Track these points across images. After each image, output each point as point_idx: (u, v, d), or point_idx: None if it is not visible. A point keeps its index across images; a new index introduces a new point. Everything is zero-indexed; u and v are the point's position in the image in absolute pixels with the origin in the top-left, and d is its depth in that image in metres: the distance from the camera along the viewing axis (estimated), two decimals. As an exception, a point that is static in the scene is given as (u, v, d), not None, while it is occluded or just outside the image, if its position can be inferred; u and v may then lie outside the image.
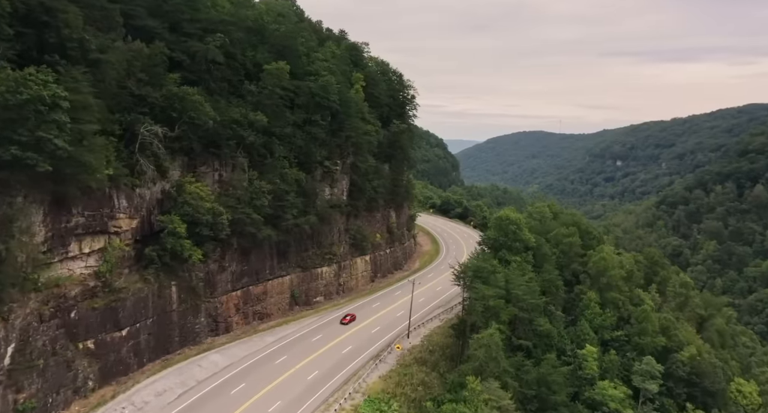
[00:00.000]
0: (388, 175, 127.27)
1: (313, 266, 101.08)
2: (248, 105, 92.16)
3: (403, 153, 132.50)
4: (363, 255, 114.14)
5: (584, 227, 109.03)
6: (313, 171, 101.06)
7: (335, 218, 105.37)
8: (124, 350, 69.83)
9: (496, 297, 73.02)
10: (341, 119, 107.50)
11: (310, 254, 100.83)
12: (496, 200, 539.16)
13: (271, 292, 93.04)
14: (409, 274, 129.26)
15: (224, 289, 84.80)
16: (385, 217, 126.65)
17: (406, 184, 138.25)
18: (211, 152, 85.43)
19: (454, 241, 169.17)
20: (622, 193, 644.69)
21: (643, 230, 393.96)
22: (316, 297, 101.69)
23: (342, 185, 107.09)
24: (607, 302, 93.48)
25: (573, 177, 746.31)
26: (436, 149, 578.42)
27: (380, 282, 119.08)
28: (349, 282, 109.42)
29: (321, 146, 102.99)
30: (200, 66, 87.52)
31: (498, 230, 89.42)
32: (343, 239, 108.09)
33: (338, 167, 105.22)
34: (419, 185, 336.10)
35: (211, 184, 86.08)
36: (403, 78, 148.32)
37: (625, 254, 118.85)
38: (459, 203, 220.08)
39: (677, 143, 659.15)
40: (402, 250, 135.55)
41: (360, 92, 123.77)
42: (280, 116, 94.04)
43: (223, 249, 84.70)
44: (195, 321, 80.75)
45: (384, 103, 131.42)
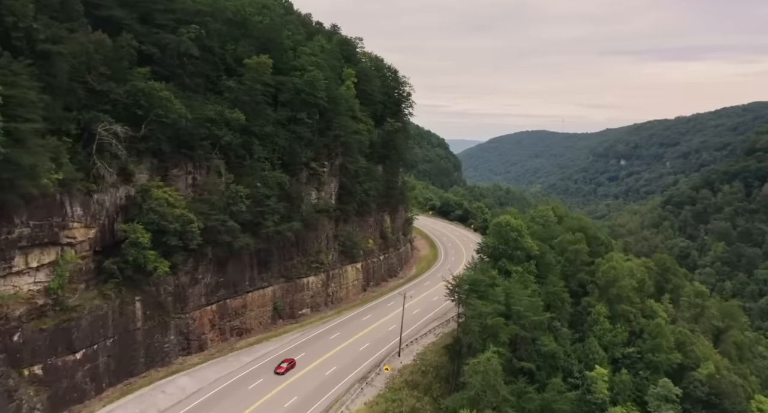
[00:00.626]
0: (381, 177, 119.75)
1: (299, 276, 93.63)
2: (226, 102, 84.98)
3: (397, 153, 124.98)
4: (354, 263, 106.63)
5: (591, 232, 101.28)
6: (297, 173, 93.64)
7: (323, 223, 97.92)
8: (79, 375, 62.47)
9: (494, 315, 65.49)
10: (329, 117, 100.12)
11: (294, 262, 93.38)
12: (499, 201, 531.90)
13: (251, 305, 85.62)
14: (404, 282, 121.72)
15: (197, 303, 77.42)
16: (379, 221, 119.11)
17: (401, 186, 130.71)
18: (183, 153, 78.16)
19: (453, 245, 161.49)
20: (626, 192, 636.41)
21: (648, 230, 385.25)
22: (302, 310, 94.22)
23: (330, 188, 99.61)
24: (617, 316, 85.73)
25: (576, 177, 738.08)
26: (438, 149, 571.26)
27: (373, 291, 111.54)
28: (338, 292, 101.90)
29: (307, 147, 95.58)
30: (172, 60, 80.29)
31: (497, 238, 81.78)
32: (331, 247, 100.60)
33: (326, 169, 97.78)
34: (420, 185, 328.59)
35: (184, 188, 78.81)
36: (399, 74, 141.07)
37: (635, 260, 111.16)
38: (459, 204, 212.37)
39: (681, 142, 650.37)
40: (397, 256, 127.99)
41: (351, 89, 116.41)
42: (260, 114, 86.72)
43: (197, 260, 77.36)
44: (163, 339, 73.35)
45: (377, 100, 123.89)
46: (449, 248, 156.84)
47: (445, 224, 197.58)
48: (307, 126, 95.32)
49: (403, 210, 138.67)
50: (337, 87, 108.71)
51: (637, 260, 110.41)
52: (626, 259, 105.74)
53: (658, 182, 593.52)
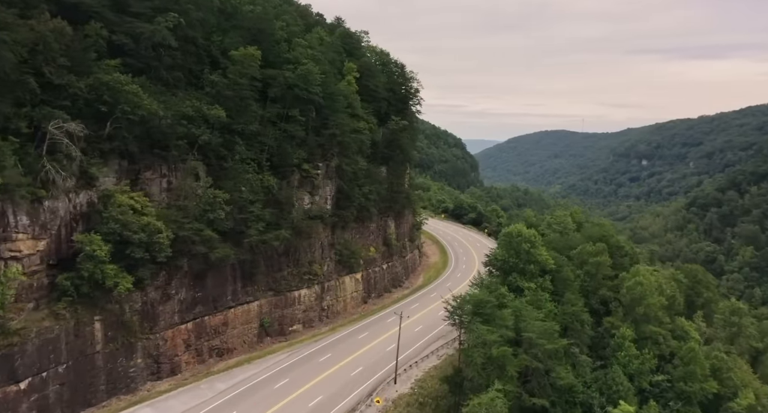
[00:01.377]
0: (385, 179, 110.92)
1: (289, 289, 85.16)
2: (207, 98, 76.95)
3: (403, 153, 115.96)
4: (352, 273, 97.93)
5: (614, 241, 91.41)
6: (288, 176, 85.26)
7: (316, 231, 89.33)
8: (24, 407, 54.60)
9: (501, 343, 56.36)
10: (325, 114, 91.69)
11: (284, 274, 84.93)
12: (517, 202, 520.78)
13: (233, 322, 77.32)
14: (409, 292, 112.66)
15: (169, 322, 69.26)
16: (381, 227, 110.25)
17: (407, 188, 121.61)
18: (156, 154, 70.21)
19: (465, 252, 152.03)
20: (648, 193, 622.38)
21: (672, 234, 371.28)
22: (293, 326, 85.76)
23: (325, 192, 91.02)
24: (645, 338, 75.93)
25: (597, 177, 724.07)
26: (455, 149, 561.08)
27: (374, 304, 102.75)
28: (334, 306, 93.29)
29: (299, 147, 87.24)
30: (147, 51, 72.42)
31: (507, 249, 72.56)
32: (327, 256, 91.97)
33: (320, 171, 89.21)
34: (435, 186, 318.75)
35: (158, 193, 70.79)
36: (406, 70, 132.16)
37: (663, 272, 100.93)
38: (473, 207, 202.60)
39: (705, 142, 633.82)
40: (402, 264, 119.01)
41: (352, 85, 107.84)
42: (245, 111, 78.47)
43: (170, 273, 69.21)
44: (129, 363, 65.25)
45: (381, 97, 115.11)
46: (460, 255, 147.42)
47: (458, 228, 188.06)
48: (300, 124, 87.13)
49: (410, 214, 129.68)
50: (336, 82, 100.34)
51: (665, 272, 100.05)
52: (653, 270, 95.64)
53: (681, 183, 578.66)
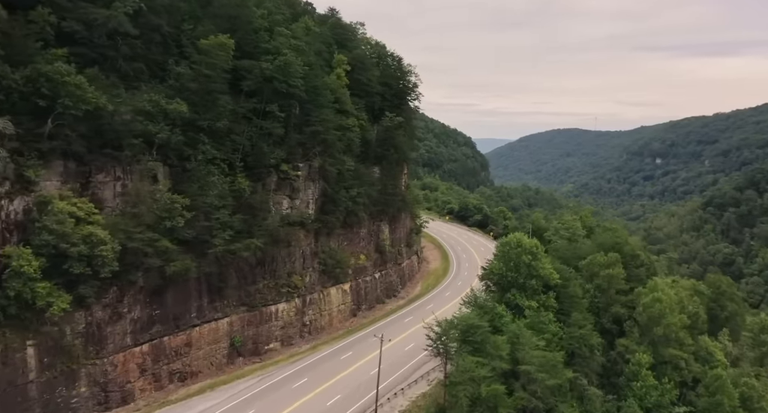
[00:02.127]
0: (377, 180, 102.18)
1: (264, 304, 76.74)
2: (170, 91, 68.75)
3: (398, 153, 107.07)
4: (339, 284, 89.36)
5: (629, 249, 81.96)
6: (263, 178, 76.85)
7: (297, 238, 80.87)
8: (-65, 451, 46.80)
9: (493, 379, 47.56)
10: (308, 109, 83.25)
11: (260, 287, 76.50)
12: (528, 202, 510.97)
13: (198, 342, 69.01)
14: (404, 303, 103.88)
15: (120, 344, 61.02)
16: (374, 233, 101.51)
17: (403, 190, 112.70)
18: (108, 154, 62.11)
19: (468, 257, 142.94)
20: (663, 192, 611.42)
21: (688, 234, 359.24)
22: (269, 344, 77.32)
23: (307, 196, 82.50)
24: (664, 362, 66.64)
25: (609, 176, 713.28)
26: (464, 147, 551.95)
27: (364, 317, 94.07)
28: (318, 321, 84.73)
29: (277, 145, 78.89)
30: (100, 40, 64.40)
31: (505, 262, 63.63)
32: (309, 266, 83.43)
33: (300, 172, 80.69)
34: (443, 186, 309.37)
35: (112, 198, 62.75)
36: (403, 63, 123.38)
37: (683, 284, 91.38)
38: (479, 208, 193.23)
39: (721, 139, 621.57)
40: (398, 272, 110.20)
41: (342, 78, 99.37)
42: (212, 106, 70.14)
43: (121, 289, 60.99)
44: (70, 393, 57.03)
45: (375, 91, 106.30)
46: (462, 261, 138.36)
47: (462, 231, 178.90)
48: (278, 121, 78.81)
49: (408, 218, 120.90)
50: (322, 75, 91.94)
51: (686, 283, 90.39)
52: (672, 281, 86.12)
53: (697, 182, 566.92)
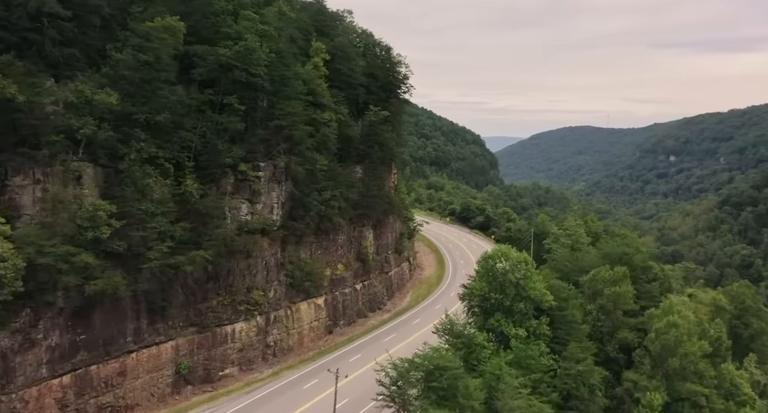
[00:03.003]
0: (360, 181, 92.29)
1: (219, 324, 67.05)
2: (105, 80, 59.44)
3: (383, 150, 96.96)
4: (311, 298, 79.53)
5: (639, 259, 71.03)
6: (218, 180, 67.18)
7: (259, 248, 71.11)
8: None
9: (461, 439, 37.56)
10: (273, 101, 73.56)
11: (213, 304, 66.84)
12: (537, 201, 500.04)
13: (135, 371, 59.46)
14: (390, 317, 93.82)
15: (34, 376, 51.60)
16: (354, 240, 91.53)
17: (390, 192, 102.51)
18: (23, 153, 52.96)
19: (466, 262, 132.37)
20: (677, 190, 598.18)
21: (704, 235, 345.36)
22: (225, 369, 67.62)
23: (271, 199, 72.67)
24: (680, 399, 55.92)
25: (622, 174, 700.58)
26: (473, 146, 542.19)
27: (342, 334, 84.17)
28: (284, 341, 74.90)
29: (236, 142, 69.27)
30: (21, 21, 55.26)
31: (489, 281, 53.32)
32: (273, 279, 73.64)
33: (262, 173, 70.91)
34: (450, 185, 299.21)
35: (31, 205, 53.56)
36: (393, 53, 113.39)
37: (701, 296, 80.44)
38: (481, 210, 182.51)
39: (736, 136, 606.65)
40: (384, 282, 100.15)
41: (320, 68, 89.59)
42: (152, 97, 60.58)
43: (36, 312, 51.63)
44: (-36, 438, 47.97)
45: (358, 83, 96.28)
46: (459, 267, 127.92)
47: (462, 234, 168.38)
48: (237, 114, 69.30)
49: (397, 222, 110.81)
50: (294, 63, 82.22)
51: (706, 297, 79.36)
52: (689, 295, 75.33)
53: (712, 179, 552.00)
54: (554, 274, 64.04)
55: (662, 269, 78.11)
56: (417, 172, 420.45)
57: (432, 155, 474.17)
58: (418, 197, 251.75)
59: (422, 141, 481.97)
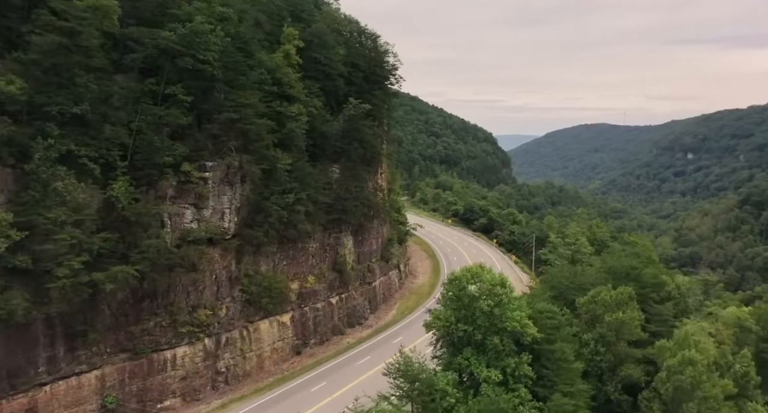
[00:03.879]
0: (337, 181, 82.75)
1: (156, 348, 57.82)
2: (17, 65, 50.67)
3: (364, 147, 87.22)
4: (273, 316, 70.11)
5: (650, 274, 60.18)
6: (155, 182, 57.98)
7: (209, 260, 61.89)
8: None
9: None
10: (227, 92, 64.25)
11: (150, 326, 57.62)
12: (550, 200, 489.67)
13: (49, 406, 50.39)
14: (371, 333, 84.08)
15: None
16: (329, 248, 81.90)
17: (372, 194, 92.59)
18: None
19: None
20: (695, 189, 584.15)
21: (723, 235, 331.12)
22: (164, 401, 58.37)
23: (221, 204, 63.29)
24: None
25: (639, 172, 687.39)
26: (484, 144, 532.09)
27: (312, 355, 74.60)
28: (240, 366, 65.49)
29: (178, 138, 60.13)
30: None
31: (456, 309, 43.05)
32: (226, 295, 64.29)
33: (210, 174, 61.55)
34: (458, 184, 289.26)
35: None
36: (380, 42, 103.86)
37: (723, 314, 69.64)
38: (484, 211, 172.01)
39: (756, 133, 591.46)
40: (367, 293, 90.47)
41: (293, 57, 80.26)
42: (69, 85, 51.55)
43: None
44: None
45: (337, 73, 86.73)
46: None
47: (464, 237, 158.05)
48: (182, 107, 60.21)
49: (384, 226, 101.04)
50: (257, 49, 73.09)
51: (728, 316, 68.32)
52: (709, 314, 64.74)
53: (731, 177, 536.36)
54: (548, 292, 54.03)
55: (678, 288, 67.12)
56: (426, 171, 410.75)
57: (442, 154, 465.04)
58: (422, 197, 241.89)
59: (432, 139, 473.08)
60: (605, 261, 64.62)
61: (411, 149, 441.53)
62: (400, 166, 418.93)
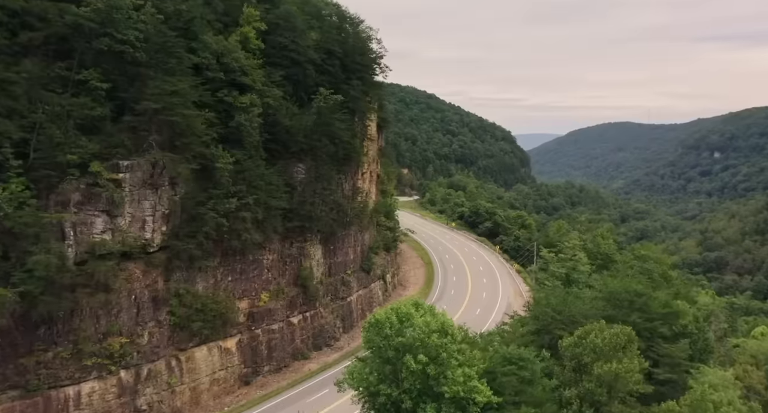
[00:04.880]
0: (302, 183, 72.30)
1: (55, 384, 47.88)
2: None
3: (336, 145, 76.50)
4: (214, 341, 59.81)
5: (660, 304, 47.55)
6: (55, 185, 48.13)
7: (128, 278, 51.84)
8: None
9: None
10: (151, 77, 54.15)
11: (48, 358, 47.69)
12: (570, 200, 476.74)
13: None
14: (337, 358, 73.19)
15: None
16: (291, 260, 71.29)
17: (339, 198, 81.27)
18: None
19: (459, 279, 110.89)
20: (722, 189, 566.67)
21: (752, 239, 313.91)
22: (64, 449, 48.52)
23: (142, 211, 53.17)
24: None
25: (663, 171, 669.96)
26: (502, 142, 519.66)
27: (264, 384, 64.13)
28: (167, 402, 55.29)
29: (94, 133, 50.34)
30: None
31: (380, 363, 31.63)
32: (150, 319, 54.15)
33: (127, 175, 51.46)
34: (472, 184, 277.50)
35: None
36: (362, 27, 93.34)
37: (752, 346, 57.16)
38: (490, 213, 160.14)
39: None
40: (340, 310, 79.80)
41: (252, 40, 70.14)
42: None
43: None
44: None
45: (305, 60, 76.22)
46: (449, 286, 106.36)
47: (466, 242, 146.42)
48: (98, 95, 50.51)
49: (365, 234, 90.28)
50: (203, 30, 63.10)
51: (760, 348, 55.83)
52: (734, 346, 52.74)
53: (759, 177, 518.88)
54: (529, 325, 42.93)
55: (696, 321, 53.50)
56: (441, 170, 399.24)
57: (458, 153, 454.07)
58: (431, 198, 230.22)
59: (448, 138, 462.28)
60: (606, 284, 52.62)
61: (425, 148, 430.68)
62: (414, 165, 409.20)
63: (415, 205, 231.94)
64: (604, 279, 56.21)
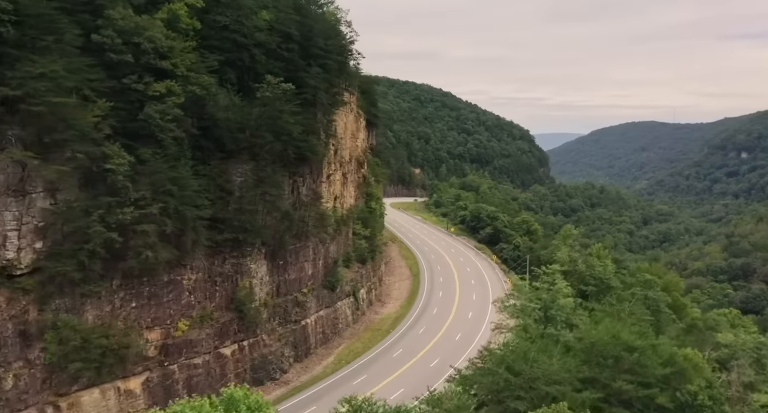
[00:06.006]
0: (242, 187, 61.00)
1: None
2: None
3: (282, 140, 64.84)
4: (112, 381, 48.81)
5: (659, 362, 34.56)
6: None
7: (-22, 308, 40.92)
8: None
9: None
10: (16, 57, 43.24)
11: None
12: (590, 201, 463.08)
13: None
14: (283, 394, 61.76)
15: None
16: (224, 279, 59.98)
17: (287, 206, 69.49)
18: None
19: (446, 294, 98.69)
20: (749, 190, 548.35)
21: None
22: None
23: (3, 224, 42.25)
24: None
25: (688, 172, 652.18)
26: (520, 142, 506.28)
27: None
28: (36, 462, 44.43)
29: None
30: None
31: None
32: (15, 357, 43.12)
33: (-26, 180, 40.49)
34: (485, 184, 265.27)
35: None
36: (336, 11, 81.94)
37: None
38: (492, 218, 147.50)
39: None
40: (290, 337, 68.11)
41: (184, 18, 59.26)
42: None
43: None
44: None
45: (251, 43, 65.00)
46: (433, 303, 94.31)
47: (463, 250, 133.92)
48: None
49: (329, 245, 78.60)
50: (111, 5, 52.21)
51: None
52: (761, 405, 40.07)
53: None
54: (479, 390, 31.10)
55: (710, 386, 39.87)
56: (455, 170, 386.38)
57: (473, 152, 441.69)
58: (437, 200, 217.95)
59: (463, 137, 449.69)
60: (587, 334, 39.42)
61: (439, 147, 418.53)
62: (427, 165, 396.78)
63: (419, 207, 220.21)
64: (586, 326, 43.33)
